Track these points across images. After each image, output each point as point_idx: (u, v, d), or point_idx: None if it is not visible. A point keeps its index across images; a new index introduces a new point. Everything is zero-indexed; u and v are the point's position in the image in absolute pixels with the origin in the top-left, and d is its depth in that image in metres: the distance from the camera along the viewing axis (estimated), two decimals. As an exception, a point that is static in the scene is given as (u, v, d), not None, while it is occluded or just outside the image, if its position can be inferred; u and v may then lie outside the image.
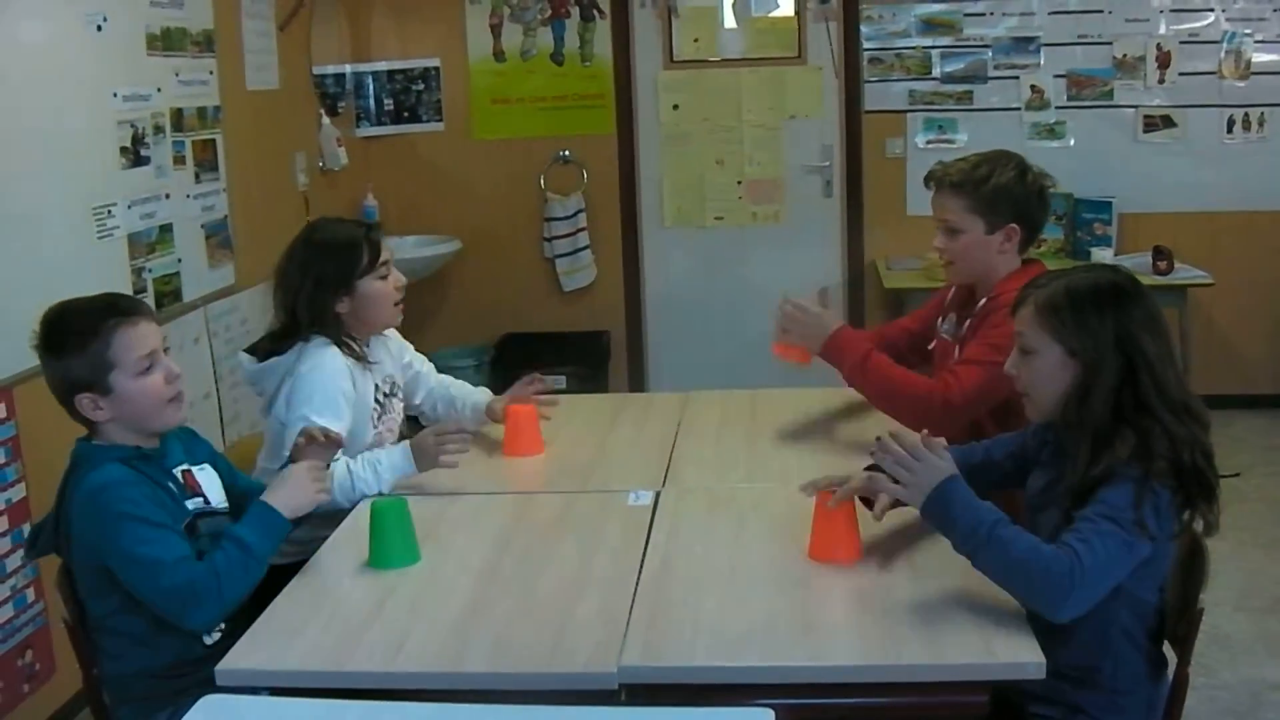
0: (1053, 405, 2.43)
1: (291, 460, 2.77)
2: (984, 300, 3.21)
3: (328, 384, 3.07)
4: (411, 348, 3.61)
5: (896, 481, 2.35)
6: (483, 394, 3.62)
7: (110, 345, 2.48)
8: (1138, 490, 2.21)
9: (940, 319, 3.47)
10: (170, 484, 2.58)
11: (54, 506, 2.56)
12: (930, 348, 3.47)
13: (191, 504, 2.60)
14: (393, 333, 3.50)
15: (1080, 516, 2.23)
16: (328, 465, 2.80)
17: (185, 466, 2.66)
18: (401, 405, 3.45)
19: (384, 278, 3.23)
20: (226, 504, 2.71)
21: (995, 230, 3.21)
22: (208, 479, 2.70)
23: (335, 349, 3.14)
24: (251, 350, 3.23)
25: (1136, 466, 2.23)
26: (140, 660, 2.53)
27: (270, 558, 2.50)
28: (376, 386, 3.28)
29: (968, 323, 3.25)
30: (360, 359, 3.21)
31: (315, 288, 3.14)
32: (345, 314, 3.19)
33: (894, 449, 2.34)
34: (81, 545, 2.48)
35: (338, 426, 3.00)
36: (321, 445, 2.77)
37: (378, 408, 3.27)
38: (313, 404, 3.02)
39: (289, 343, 3.15)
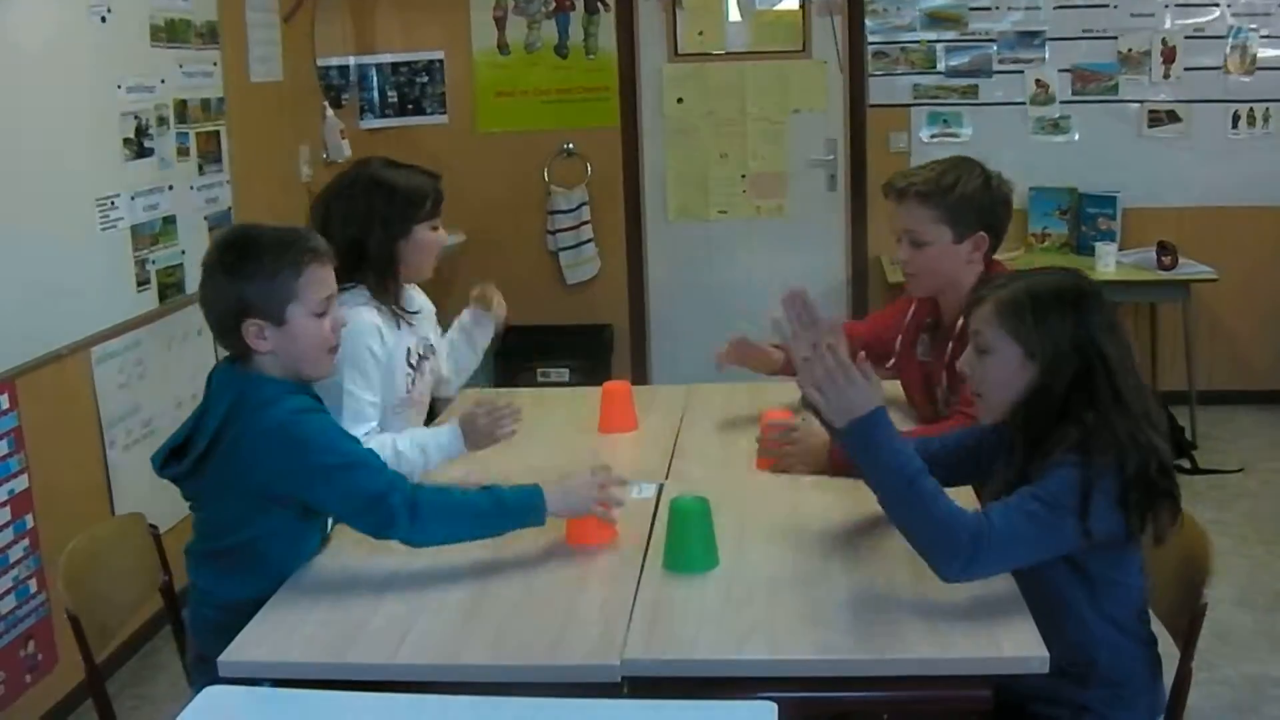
0: (1006, 406, 2.40)
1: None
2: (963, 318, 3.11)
3: (358, 346, 2.99)
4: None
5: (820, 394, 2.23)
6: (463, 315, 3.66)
7: (300, 275, 2.48)
8: (1082, 476, 2.19)
9: (911, 342, 3.36)
10: None
11: (206, 435, 2.46)
12: (890, 365, 3.40)
13: None
14: (424, 300, 3.45)
15: (1017, 491, 2.22)
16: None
17: None
18: (435, 370, 3.37)
19: (436, 229, 3.23)
20: None
21: (963, 240, 3.12)
22: None
23: (367, 306, 3.07)
24: None
25: (1077, 454, 2.21)
26: (243, 588, 2.48)
27: (498, 534, 2.52)
28: (410, 350, 3.20)
29: (950, 346, 3.12)
30: (399, 315, 3.16)
31: (384, 226, 3.11)
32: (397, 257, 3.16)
33: (825, 360, 2.20)
34: (256, 475, 2.43)
35: (369, 394, 3.00)
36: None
37: (412, 371, 3.19)
38: (344, 369, 2.94)
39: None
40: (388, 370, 3.11)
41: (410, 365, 3.19)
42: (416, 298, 3.40)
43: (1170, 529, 2.28)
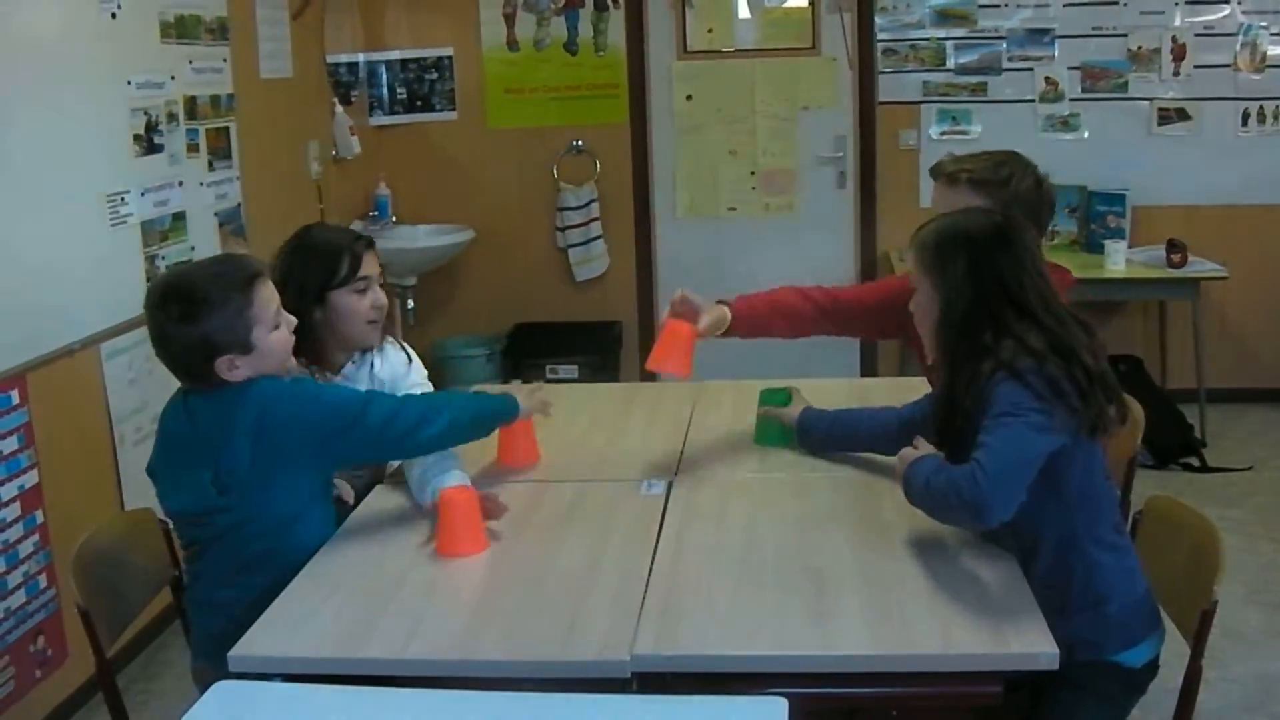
0: (931, 338, 2.56)
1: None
2: None
3: None
4: (421, 375, 3.29)
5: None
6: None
7: (254, 302, 2.54)
8: (1023, 381, 2.32)
9: None
10: None
11: (207, 458, 2.54)
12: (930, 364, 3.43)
13: None
14: (396, 352, 3.27)
15: (981, 428, 2.34)
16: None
17: None
18: None
19: (361, 292, 3.09)
20: None
21: None
22: None
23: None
24: None
25: (1003, 370, 2.34)
26: (281, 567, 2.53)
27: (494, 421, 2.92)
28: None
29: None
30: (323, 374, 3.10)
31: (298, 294, 3.00)
32: (319, 323, 3.06)
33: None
34: (275, 440, 2.52)
35: None
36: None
37: None
38: None
39: None
40: None
41: None
42: (388, 359, 3.25)
43: (1114, 423, 2.42)
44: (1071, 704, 2.40)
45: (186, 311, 2.50)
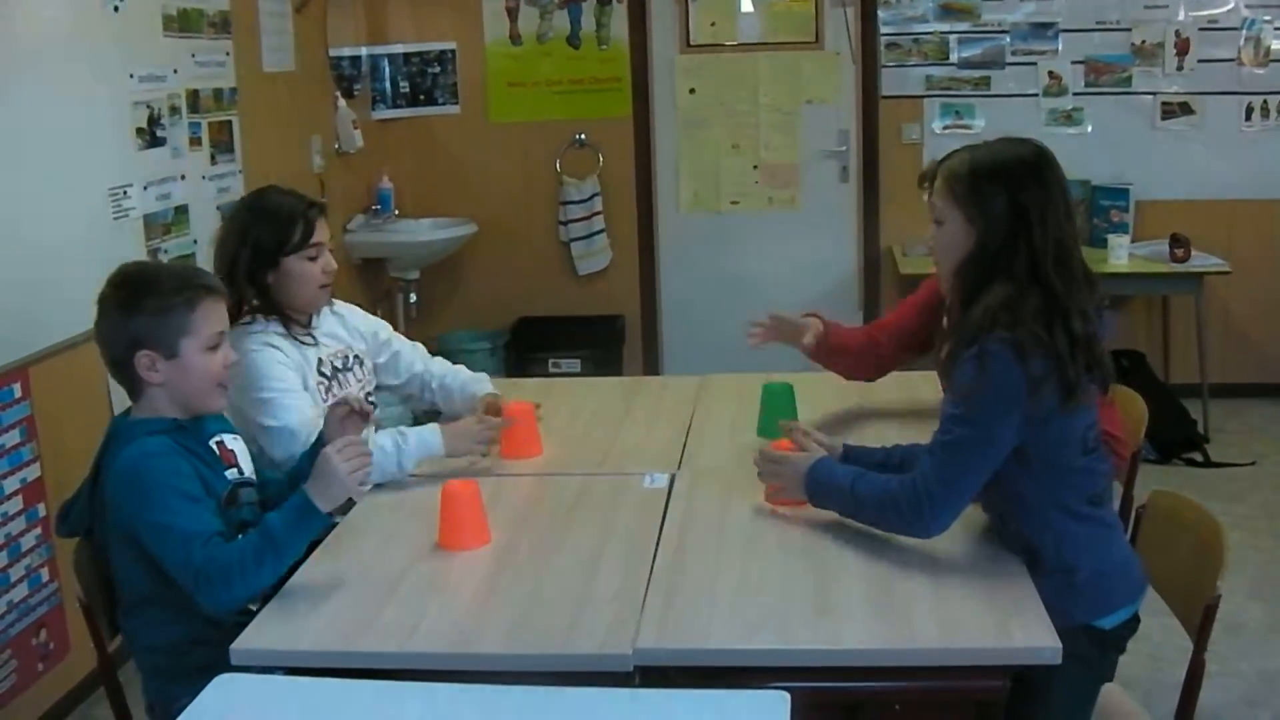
0: (950, 274, 2.51)
1: (321, 436, 2.70)
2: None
3: (270, 363, 3.00)
4: (387, 327, 3.48)
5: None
6: (479, 382, 3.48)
7: (194, 311, 2.51)
8: (985, 368, 2.29)
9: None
10: (207, 456, 2.59)
11: (88, 482, 2.56)
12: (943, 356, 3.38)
13: (230, 474, 2.62)
14: (351, 309, 3.43)
15: (942, 415, 2.37)
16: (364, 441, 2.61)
17: (219, 437, 2.66)
18: (362, 380, 3.33)
19: (312, 259, 3.14)
20: (254, 474, 2.73)
21: None
22: (240, 449, 2.72)
23: (259, 335, 3.07)
24: None
25: (975, 347, 2.31)
26: (170, 633, 2.53)
27: (297, 554, 2.42)
28: (320, 361, 3.19)
29: None
30: (296, 334, 3.15)
31: (252, 255, 3.07)
32: (272, 286, 3.11)
33: (760, 464, 2.68)
34: (117, 517, 2.46)
35: (294, 399, 2.99)
36: (353, 417, 2.70)
37: (324, 381, 3.18)
38: (269, 408, 2.96)
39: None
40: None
41: (323, 375, 3.19)
42: (342, 318, 3.39)
43: (1088, 392, 2.37)
44: (1049, 669, 2.37)
45: (129, 296, 2.51)
